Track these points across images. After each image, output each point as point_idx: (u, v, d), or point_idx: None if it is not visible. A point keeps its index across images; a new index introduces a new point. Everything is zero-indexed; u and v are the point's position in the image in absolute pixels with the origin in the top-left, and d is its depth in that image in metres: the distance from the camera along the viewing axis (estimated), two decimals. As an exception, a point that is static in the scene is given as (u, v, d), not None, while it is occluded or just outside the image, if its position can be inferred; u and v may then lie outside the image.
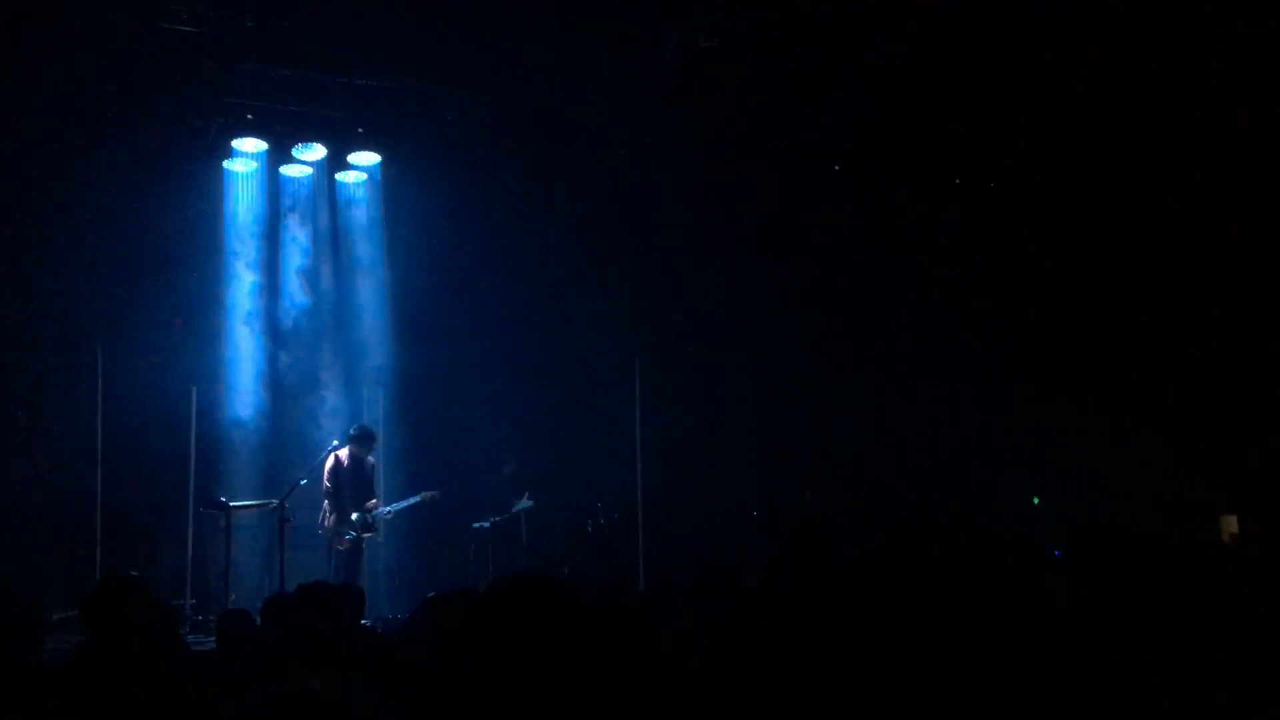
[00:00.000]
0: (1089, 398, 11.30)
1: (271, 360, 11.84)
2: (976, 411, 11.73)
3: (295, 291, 12.06)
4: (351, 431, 10.83)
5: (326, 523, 10.58)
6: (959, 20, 9.61)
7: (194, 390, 11.01)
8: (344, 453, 10.67)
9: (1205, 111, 9.74)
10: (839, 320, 12.00)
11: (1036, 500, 11.91)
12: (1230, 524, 10.35)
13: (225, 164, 11.63)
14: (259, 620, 5.61)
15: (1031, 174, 11.18)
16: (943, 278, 11.69)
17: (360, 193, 12.30)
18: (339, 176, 12.20)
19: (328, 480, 10.59)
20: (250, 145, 11.53)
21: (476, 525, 11.54)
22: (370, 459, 10.90)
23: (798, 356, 12.12)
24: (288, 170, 11.98)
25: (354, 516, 10.56)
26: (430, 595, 6.63)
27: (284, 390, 11.86)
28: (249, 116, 11.22)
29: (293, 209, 12.09)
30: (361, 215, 12.30)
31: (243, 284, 11.80)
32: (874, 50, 10.06)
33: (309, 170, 12.02)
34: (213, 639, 7.72)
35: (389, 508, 10.99)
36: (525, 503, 11.59)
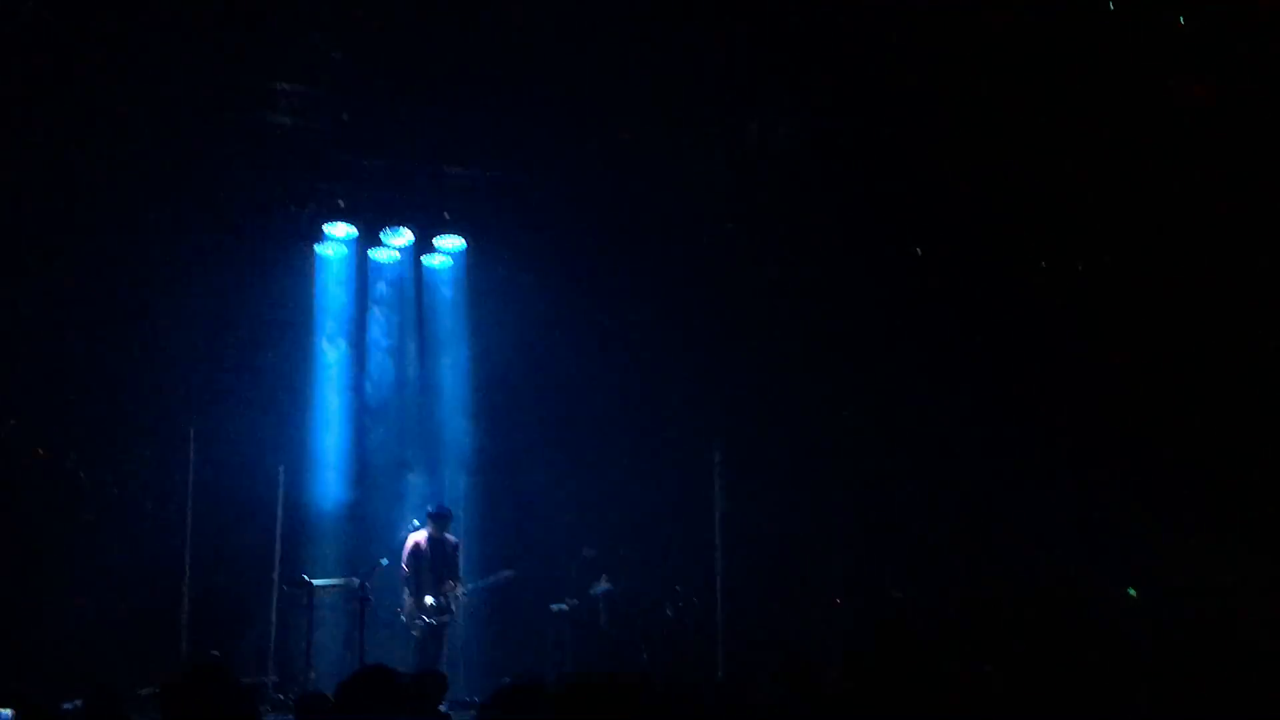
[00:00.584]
0: (1191, 489, 10.96)
1: (357, 440, 12.01)
2: (1068, 500, 11.46)
3: (381, 373, 12.26)
4: (429, 510, 10.90)
5: (405, 607, 10.62)
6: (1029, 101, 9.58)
7: (281, 470, 11.19)
8: (422, 535, 10.72)
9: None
10: (923, 410, 11.84)
11: (1133, 592, 11.54)
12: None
13: (316, 248, 11.91)
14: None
15: (1124, 250, 11.01)
16: (1030, 365, 11.50)
17: (445, 276, 12.52)
18: (425, 260, 12.43)
19: (405, 564, 10.64)
20: (341, 230, 11.80)
21: (555, 608, 11.46)
22: (451, 538, 10.93)
23: (878, 445, 11.97)
24: (376, 254, 12.23)
25: (429, 602, 10.56)
26: (504, 683, 6.61)
27: (368, 470, 12.00)
28: (340, 203, 11.52)
29: (380, 292, 12.34)
30: (446, 298, 12.50)
31: (331, 365, 12.02)
32: (953, 138, 10.06)
33: (396, 254, 12.27)
34: (292, 719, 7.78)
35: (466, 590, 10.97)
36: (604, 586, 11.51)
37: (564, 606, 11.43)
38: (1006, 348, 11.52)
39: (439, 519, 10.80)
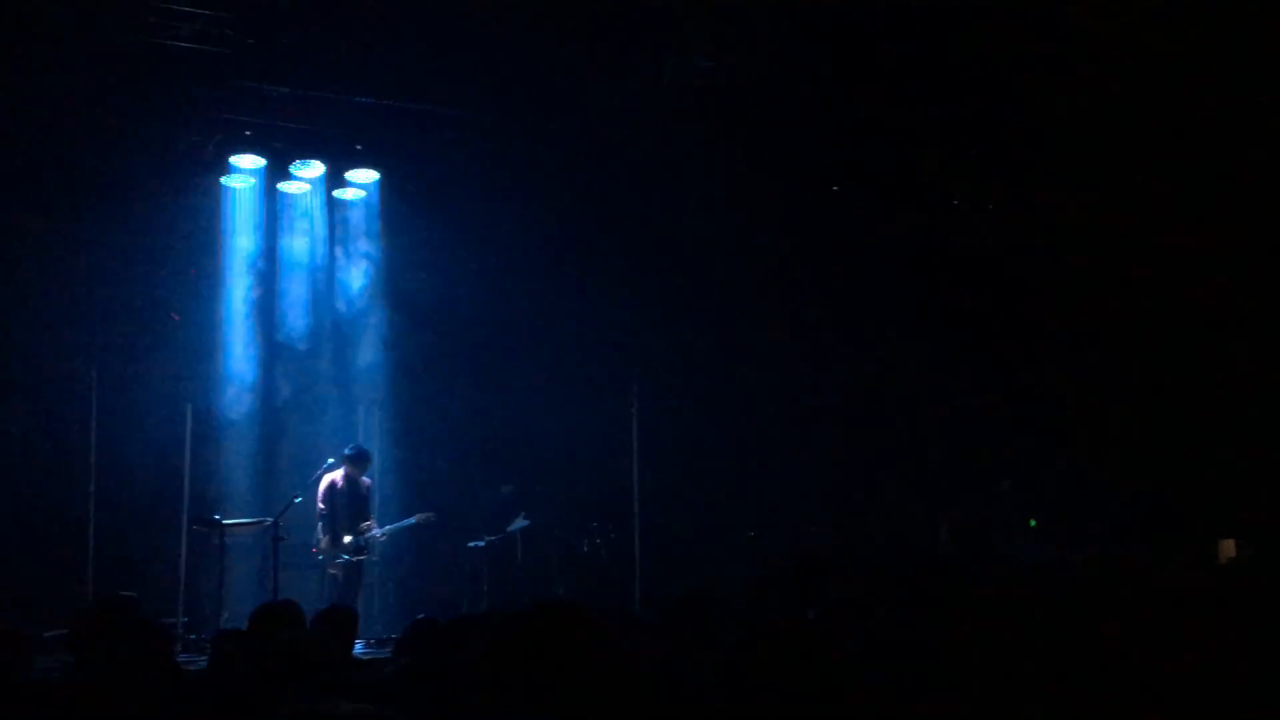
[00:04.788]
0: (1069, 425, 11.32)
1: (268, 378, 11.77)
2: (973, 436, 11.73)
3: (292, 309, 12.01)
4: (347, 451, 10.76)
5: (321, 545, 10.52)
6: (960, 32, 9.60)
7: (189, 408, 10.94)
8: (339, 474, 10.60)
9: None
10: (842, 345, 11.98)
11: (1033, 523, 11.88)
12: (1229, 548, 10.31)
13: (223, 180, 11.56)
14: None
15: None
16: (935, 293, 11.74)
17: (358, 210, 12.24)
18: (337, 194, 12.14)
19: (321, 502, 10.53)
20: (248, 162, 11.46)
21: (472, 545, 11.46)
22: (366, 479, 10.83)
23: (797, 381, 12.08)
24: (286, 187, 11.91)
25: (347, 540, 10.48)
26: (419, 619, 6.59)
27: (280, 408, 11.79)
28: (247, 133, 11.17)
29: (290, 226, 12.03)
30: (359, 233, 12.25)
31: (239, 301, 11.74)
32: (875, 69, 10.05)
33: (307, 187, 11.97)
34: (204, 658, 7.65)
35: (382, 530, 10.90)
36: (521, 522, 11.51)
37: (481, 543, 11.42)
38: (933, 283, 11.69)
39: (357, 460, 10.68)
